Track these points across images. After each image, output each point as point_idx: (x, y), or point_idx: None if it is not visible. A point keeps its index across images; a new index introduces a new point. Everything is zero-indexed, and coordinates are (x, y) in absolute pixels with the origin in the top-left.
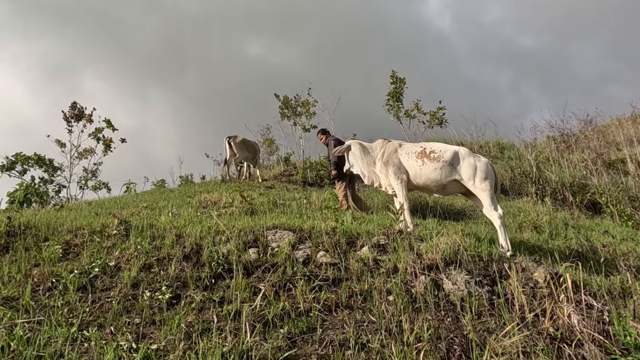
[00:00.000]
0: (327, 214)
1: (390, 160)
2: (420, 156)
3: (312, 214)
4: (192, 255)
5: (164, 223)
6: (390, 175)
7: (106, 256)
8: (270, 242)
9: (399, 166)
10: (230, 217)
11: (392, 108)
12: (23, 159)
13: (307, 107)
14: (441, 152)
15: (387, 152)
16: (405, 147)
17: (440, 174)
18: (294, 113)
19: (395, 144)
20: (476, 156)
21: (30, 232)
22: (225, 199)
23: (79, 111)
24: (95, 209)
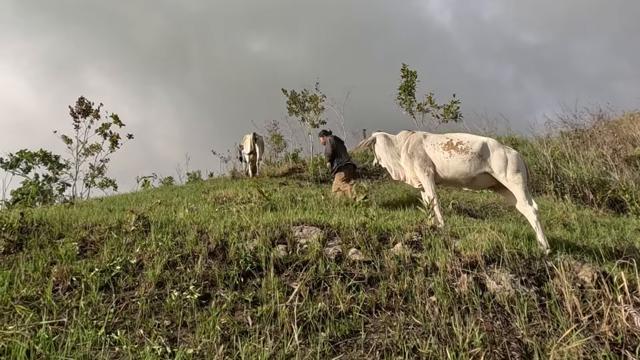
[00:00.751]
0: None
1: (415, 152)
2: (447, 148)
3: (333, 210)
4: (217, 253)
5: (184, 219)
6: (416, 167)
7: (127, 253)
8: (297, 238)
9: (425, 158)
10: (250, 213)
11: (404, 102)
12: (28, 156)
13: (315, 102)
14: (469, 144)
15: (412, 144)
16: (430, 138)
17: (469, 166)
18: (302, 108)
19: (419, 135)
20: (505, 147)
21: (43, 228)
22: (242, 195)
23: (86, 106)
24: (107, 206)
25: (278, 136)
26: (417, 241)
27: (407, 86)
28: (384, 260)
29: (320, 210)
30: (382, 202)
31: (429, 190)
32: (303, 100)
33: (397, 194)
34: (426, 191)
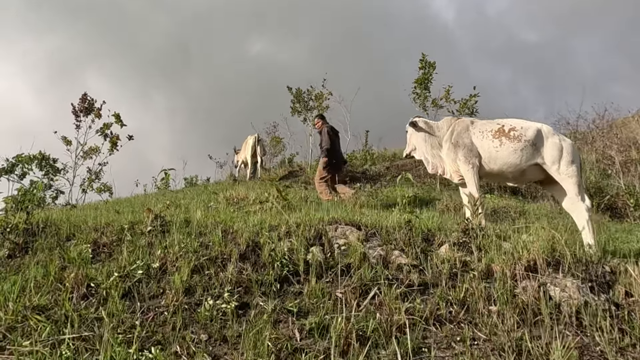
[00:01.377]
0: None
1: (460, 141)
2: (498, 135)
3: (354, 209)
4: (249, 255)
5: (204, 218)
6: (460, 159)
7: (147, 256)
8: (333, 239)
9: (471, 148)
10: (269, 213)
11: (419, 97)
12: (25, 160)
13: (320, 101)
14: (523, 130)
15: (457, 131)
16: (478, 124)
17: (521, 156)
18: (305, 107)
19: (466, 121)
20: (560, 135)
21: (50, 230)
22: (253, 195)
23: (89, 104)
24: (113, 207)
25: (277, 138)
26: (464, 243)
27: (423, 79)
28: (431, 264)
29: (345, 210)
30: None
31: (472, 185)
32: (308, 98)
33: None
34: (469, 186)
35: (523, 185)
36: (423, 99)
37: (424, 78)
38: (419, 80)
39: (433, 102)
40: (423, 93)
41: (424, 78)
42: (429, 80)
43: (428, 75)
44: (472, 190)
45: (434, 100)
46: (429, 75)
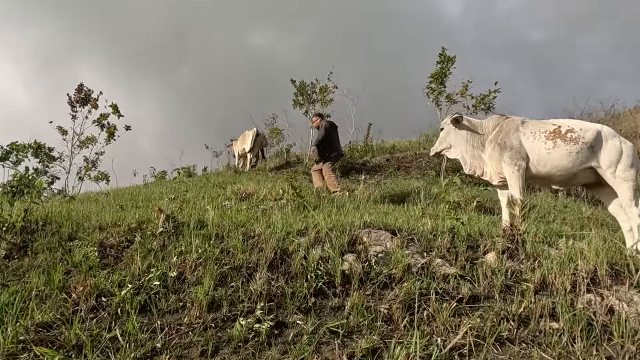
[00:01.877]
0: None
1: (507, 142)
2: (552, 136)
3: (375, 208)
4: (277, 264)
5: (220, 218)
6: (505, 160)
7: (161, 262)
8: (368, 245)
9: (519, 149)
10: (287, 212)
11: (433, 92)
12: (20, 148)
13: (324, 94)
14: (581, 132)
15: (505, 131)
16: (530, 125)
17: (575, 159)
18: (308, 100)
19: (517, 121)
20: (620, 137)
21: (50, 228)
22: (264, 190)
23: (85, 95)
24: (115, 201)
25: (277, 130)
26: (510, 250)
27: (440, 73)
28: (479, 274)
29: (367, 210)
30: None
31: (515, 188)
32: (311, 91)
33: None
34: (512, 189)
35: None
36: (437, 94)
37: (440, 72)
38: (435, 75)
39: (447, 97)
40: (438, 88)
41: (441, 72)
42: (446, 75)
43: (445, 70)
44: (515, 193)
45: (448, 95)
46: (446, 70)
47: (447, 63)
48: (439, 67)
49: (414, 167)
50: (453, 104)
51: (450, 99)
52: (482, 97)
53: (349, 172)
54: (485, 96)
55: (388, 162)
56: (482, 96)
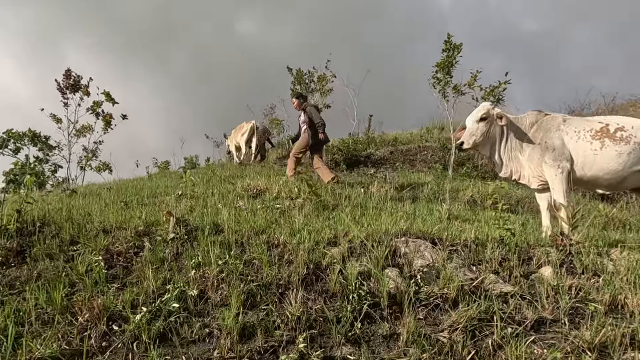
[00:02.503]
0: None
1: (549, 141)
2: (599, 136)
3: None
4: (310, 280)
5: (236, 221)
6: (547, 161)
7: (177, 277)
8: (408, 257)
9: (562, 150)
10: (300, 213)
11: (439, 82)
12: (16, 137)
13: (323, 83)
14: (633, 130)
15: (545, 129)
16: (572, 122)
17: (626, 162)
18: (307, 89)
19: (558, 119)
20: None
21: (49, 230)
22: (276, 187)
23: (74, 81)
24: (119, 197)
25: (277, 120)
26: (566, 262)
27: (446, 62)
28: (540, 292)
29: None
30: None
31: (559, 192)
32: (309, 80)
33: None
34: (555, 193)
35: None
36: (444, 85)
37: (446, 61)
38: (440, 64)
39: (454, 87)
40: (445, 78)
41: (447, 62)
42: (452, 64)
43: (452, 59)
44: (559, 198)
45: (455, 86)
46: (452, 58)
47: (453, 51)
48: (445, 56)
49: (419, 160)
50: (461, 95)
51: (458, 90)
52: (492, 88)
53: (353, 165)
54: (495, 87)
55: (392, 154)
56: (492, 87)
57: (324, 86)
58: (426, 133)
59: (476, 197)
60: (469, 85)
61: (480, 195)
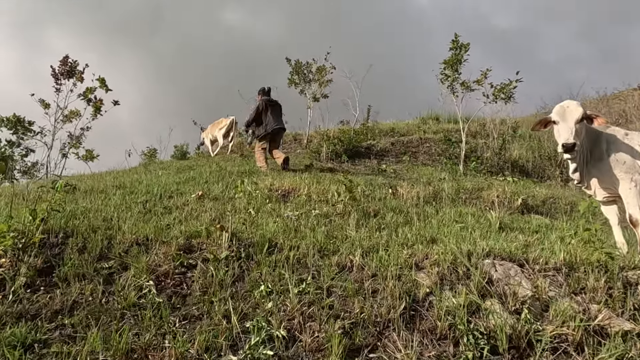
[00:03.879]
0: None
1: (617, 154)
2: None
3: (434, 210)
4: (410, 316)
5: (288, 235)
6: (618, 175)
7: (253, 313)
8: (502, 284)
9: (632, 163)
10: (347, 221)
11: (448, 78)
12: None
13: (322, 74)
14: None
15: (610, 141)
16: (634, 137)
17: None
18: (305, 80)
19: (621, 132)
20: None
21: (74, 242)
22: (304, 188)
23: (70, 67)
24: (131, 197)
25: None
26: None
27: (454, 60)
28: None
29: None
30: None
31: (634, 207)
32: (307, 71)
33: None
34: (630, 208)
35: None
36: (452, 81)
37: (454, 59)
38: (448, 62)
39: (463, 84)
40: (453, 75)
41: (455, 59)
42: (460, 62)
43: (459, 57)
44: (635, 213)
45: (464, 82)
46: (460, 56)
47: (461, 50)
48: (452, 54)
49: (421, 153)
50: (470, 91)
51: (467, 87)
52: (502, 86)
53: (355, 156)
54: (506, 85)
55: (393, 146)
56: (502, 85)
57: (322, 77)
58: (422, 123)
59: (502, 197)
60: (479, 83)
61: (506, 196)
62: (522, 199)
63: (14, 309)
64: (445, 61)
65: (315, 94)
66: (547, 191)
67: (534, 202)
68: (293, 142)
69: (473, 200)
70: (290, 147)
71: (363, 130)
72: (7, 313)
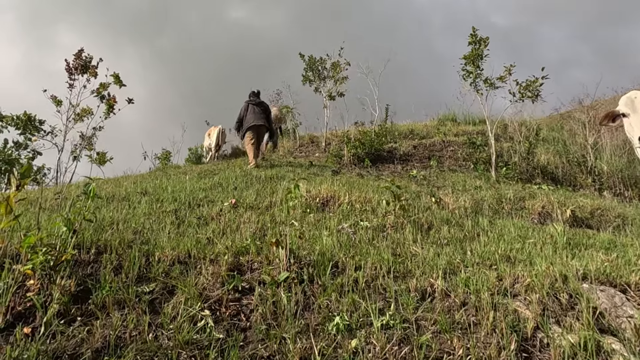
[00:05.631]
0: None
1: None
2: None
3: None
4: (521, 358)
5: (348, 254)
6: None
7: (332, 351)
8: (611, 314)
9: None
10: (401, 235)
11: (470, 74)
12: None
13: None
14: None
15: None
16: None
17: None
18: (319, 77)
19: None
20: None
21: (108, 260)
22: (344, 195)
23: (85, 62)
24: (158, 204)
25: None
26: None
27: (474, 55)
28: None
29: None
30: None
31: None
32: (322, 67)
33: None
34: None
35: None
36: (474, 77)
37: (474, 54)
38: (468, 57)
39: (486, 80)
40: (475, 71)
41: (475, 54)
42: (480, 57)
43: (479, 52)
44: None
45: (487, 79)
46: (480, 51)
47: (480, 44)
48: (472, 49)
49: (446, 157)
50: (494, 88)
51: (491, 84)
52: (529, 83)
53: (377, 161)
54: (533, 82)
55: (416, 149)
56: (529, 82)
57: (338, 74)
58: (440, 125)
59: (548, 208)
60: (502, 79)
61: (552, 206)
62: (572, 211)
63: (49, 347)
64: (465, 56)
65: (330, 91)
66: (591, 202)
67: (583, 214)
68: (310, 144)
69: (516, 211)
70: (308, 150)
71: (383, 132)
72: (41, 352)
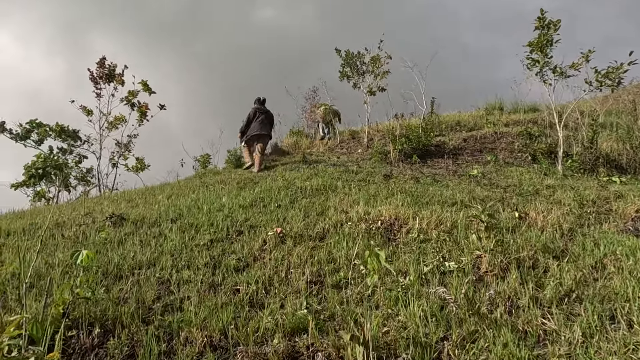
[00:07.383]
0: None
1: None
2: None
3: None
4: None
5: (438, 328)
6: None
7: None
8: None
9: None
10: (508, 287)
11: (536, 63)
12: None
13: (376, 64)
14: None
15: None
16: None
17: None
18: (357, 73)
19: None
20: None
21: (115, 346)
22: (411, 220)
23: (109, 70)
24: (190, 234)
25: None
26: None
27: (542, 41)
28: None
29: None
30: None
31: None
32: (360, 62)
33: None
34: None
35: None
36: (542, 66)
37: (542, 40)
38: (535, 44)
39: (555, 69)
40: (542, 59)
41: (543, 40)
42: (549, 43)
43: (548, 37)
44: None
45: (555, 68)
46: (549, 37)
47: (549, 28)
48: (539, 34)
49: (499, 149)
50: (565, 77)
51: (562, 73)
52: (610, 70)
53: (425, 156)
54: (616, 69)
55: (466, 142)
56: (610, 69)
57: (377, 68)
58: (487, 114)
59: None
60: (575, 67)
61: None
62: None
63: None
64: (531, 43)
65: (370, 86)
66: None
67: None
68: (351, 140)
69: (602, 215)
70: (349, 146)
71: (430, 127)
72: None
